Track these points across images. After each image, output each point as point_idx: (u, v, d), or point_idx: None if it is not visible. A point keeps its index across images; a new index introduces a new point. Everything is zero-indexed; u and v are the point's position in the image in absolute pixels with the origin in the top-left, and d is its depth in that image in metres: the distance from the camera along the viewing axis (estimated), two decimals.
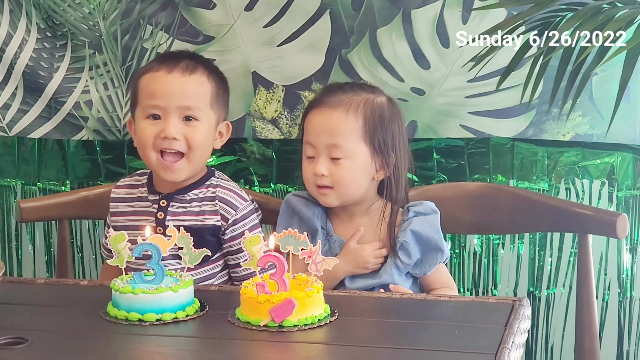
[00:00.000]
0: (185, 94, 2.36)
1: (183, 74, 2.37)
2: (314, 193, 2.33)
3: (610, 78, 2.58)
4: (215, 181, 2.43)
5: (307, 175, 2.32)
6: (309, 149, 2.32)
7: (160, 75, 2.37)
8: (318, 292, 1.95)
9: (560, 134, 2.67)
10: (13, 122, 2.96)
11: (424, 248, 2.31)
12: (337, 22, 2.72)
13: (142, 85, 2.39)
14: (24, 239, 3.06)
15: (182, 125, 2.36)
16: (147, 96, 2.37)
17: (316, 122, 2.30)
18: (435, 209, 2.34)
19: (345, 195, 2.31)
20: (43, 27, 2.90)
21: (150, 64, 2.43)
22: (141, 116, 2.38)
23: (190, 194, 2.40)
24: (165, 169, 2.36)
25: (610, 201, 2.68)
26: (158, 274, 2.02)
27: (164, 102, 2.35)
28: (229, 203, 2.39)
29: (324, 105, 2.31)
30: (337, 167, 2.29)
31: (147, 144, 2.36)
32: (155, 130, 2.35)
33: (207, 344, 1.89)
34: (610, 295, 2.73)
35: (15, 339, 1.87)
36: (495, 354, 1.75)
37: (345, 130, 2.28)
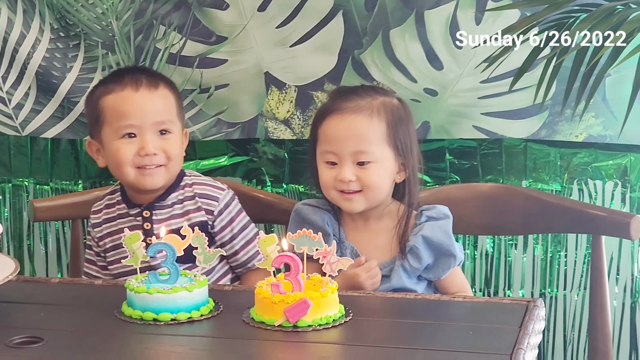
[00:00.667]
0: (157, 110, 2.38)
1: (150, 90, 2.39)
2: (335, 199, 2.30)
3: (623, 79, 2.58)
4: (189, 180, 2.44)
5: (327, 181, 2.29)
6: (329, 156, 2.28)
7: (128, 94, 2.37)
8: (333, 293, 1.95)
9: (573, 135, 2.67)
10: (26, 122, 2.97)
11: (436, 253, 2.29)
12: (350, 23, 2.72)
13: (107, 106, 2.38)
14: (36, 238, 3.07)
15: (158, 139, 2.37)
16: (118, 117, 2.36)
17: (338, 129, 2.27)
18: (448, 214, 2.32)
19: (373, 199, 2.28)
20: (56, 27, 2.91)
21: (108, 85, 2.41)
22: (113, 137, 2.37)
23: (170, 198, 2.42)
24: (146, 177, 2.37)
25: (623, 202, 2.68)
26: (172, 273, 2.02)
27: (138, 120, 2.36)
28: (209, 196, 2.42)
29: (343, 111, 2.28)
30: (365, 172, 2.26)
31: (124, 163, 2.36)
32: (132, 148, 2.36)
33: (221, 344, 1.89)
34: (624, 297, 2.72)
35: (30, 338, 1.88)
36: (510, 355, 1.75)
37: (371, 135, 2.26)
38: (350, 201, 2.28)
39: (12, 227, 3.06)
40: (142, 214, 2.41)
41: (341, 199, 2.29)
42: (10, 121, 2.97)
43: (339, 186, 2.27)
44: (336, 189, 2.28)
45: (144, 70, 2.48)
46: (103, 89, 2.41)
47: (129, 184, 2.41)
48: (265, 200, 2.58)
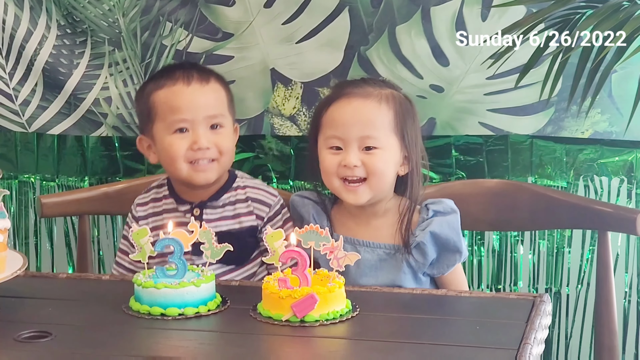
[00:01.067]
0: (209, 104, 2.39)
1: (201, 84, 2.39)
2: (337, 189, 2.27)
3: (629, 75, 2.58)
4: (242, 182, 2.45)
5: (330, 167, 2.26)
6: (334, 141, 2.26)
7: (180, 89, 2.38)
8: (340, 288, 1.96)
9: (579, 132, 2.67)
10: (32, 119, 2.97)
11: (441, 249, 2.27)
12: (356, 19, 2.72)
13: (159, 101, 2.39)
14: (43, 234, 3.08)
15: (210, 134, 2.38)
16: (171, 111, 2.37)
17: (345, 112, 2.25)
18: (455, 208, 2.31)
19: (377, 188, 2.25)
20: (63, 24, 2.92)
21: (160, 80, 2.42)
22: (166, 132, 2.38)
23: (222, 199, 2.42)
24: (198, 172, 2.37)
25: (629, 198, 2.68)
26: (180, 268, 2.03)
27: (191, 114, 2.36)
28: (262, 202, 2.43)
29: (351, 95, 2.27)
30: (370, 157, 2.24)
31: (178, 158, 2.37)
32: (186, 143, 2.37)
33: (229, 339, 1.89)
34: (630, 293, 2.73)
35: (39, 332, 1.88)
36: (517, 350, 1.75)
37: (378, 121, 2.25)
38: (354, 193, 2.26)
39: (18, 224, 3.07)
40: (193, 211, 2.41)
41: (344, 190, 2.26)
42: (17, 118, 2.98)
43: (343, 172, 2.25)
44: (339, 177, 2.26)
45: (194, 66, 2.48)
46: (154, 84, 2.42)
47: (182, 179, 2.40)
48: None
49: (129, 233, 2.48)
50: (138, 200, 2.50)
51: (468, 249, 2.78)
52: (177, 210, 2.43)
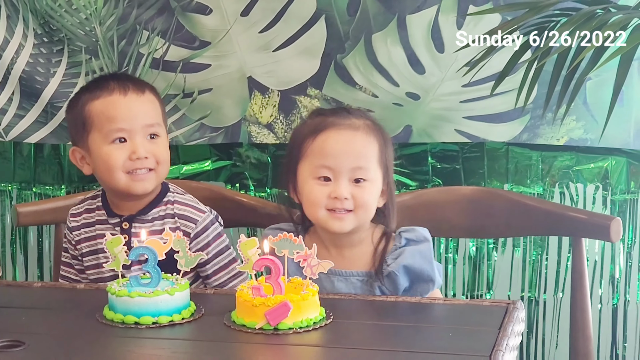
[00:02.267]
0: (147, 113, 2.38)
1: (137, 94, 2.38)
2: (322, 219, 2.20)
3: (604, 83, 2.60)
4: (172, 197, 2.42)
5: (318, 198, 2.19)
6: (323, 171, 2.19)
7: (117, 99, 2.36)
8: (313, 295, 1.96)
9: (554, 139, 2.68)
10: (9, 127, 2.97)
11: (414, 279, 2.22)
12: (333, 28, 2.73)
13: (95, 111, 2.36)
14: (18, 243, 3.07)
15: (148, 143, 2.36)
16: (108, 121, 2.34)
17: (336, 143, 2.20)
18: (428, 237, 2.25)
19: (362, 220, 2.21)
20: (40, 33, 2.92)
21: (94, 91, 2.38)
22: (103, 142, 2.35)
23: (151, 213, 2.40)
24: (137, 182, 2.35)
25: (604, 205, 2.69)
26: (154, 277, 2.02)
27: (129, 124, 2.34)
28: (187, 218, 2.40)
29: (341, 127, 2.21)
30: (360, 190, 2.19)
31: (116, 168, 2.34)
32: (124, 153, 2.34)
33: (202, 347, 1.89)
34: (605, 299, 2.74)
35: (12, 342, 1.87)
36: (489, 356, 1.75)
37: (369, 153, 2.21)
38: (340, 220, 2.20)
39: None
40: (122, 225, 2.40)
41: (330, 219, 2.20)
42: None
43: (331, 204, 2.19)
44: (326, 208, 2.20)
45: (128, 77, 2.47)
46: (88, 94, 2.39)
47: (119, 190, 2.37)
48: (248, 204, 2.59)
49: (69, 245, 2.49)
50: (72, 211, 2.49)
51: (445, 255, 2.80)
52: (108, 222, 2.42)
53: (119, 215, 2.41)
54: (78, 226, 2.47)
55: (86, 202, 2.49)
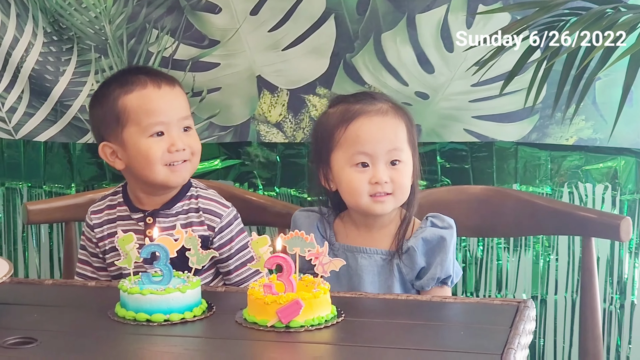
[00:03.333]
0: (181, 106, 2.39)
1: (170, 87, 2.39)
2: (366, 205, 2.25)
3: (613, 82, 2.60)
4: (195, 191, 2.43)
5: (360, 186, 2.24)
6: (361, 157, 2.24)
7: (152, 92, 2.36)
8: (325, 293, 1.97)
9: (563, 138, 2.69)
10: (19, 126, 2.97)
11: (429, 259, 2.27)
12: (342, 27, 2.73)
13: (131, 105, 2.36)
14: (30, 241, 3.08)
15: (184, 135, 2.38)
16: (146, 115, 2.35)
17: (370, 129, 2.24)
18: (452, 225, 2.29)
19: (400, 201, 2.27)
20: (49, 31, 2.92)
21: (124, 85, 2.37)
22: (141, 136, 2.35)
23: (175, 207, 2.40)
24: (175, 173, 2.36)
25: (613, 205, 2.70)
26: (166, 274, 2.03)
27: (166, 117, 2.35)
28: (213, 212, 2.40)
29: (371, 113, 2.26)
30: (397, 173, 2.24)
31: (155, 161, 2.34)
32: (163, 146, 2.35)
33: (214, 344, 1.90)
34: (613, 299, 2.74)
35: (24, 338, 1.88)
36: (501, 355, 1.76)
37: (399, 135, 2.26)
38: (382, 203, 2.25)
39: (5, 230, 3.07)
40: (145, 220, 2.40)
41: (372, 204, 2.25)
42: (4, 124, 2.98)
43: (372, 190, 2.23)
44: (368, 194, 2.24)
45: (154, 70, 2.49)
46: (120, 89, 2.37)
47: (157, 182, 2.37)
48: (257, 203, 2.59)
49: (89, 243, 2.49)
50: (92, 208, 2.48)
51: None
52: (130, 217, 2.42)
53: (142, 211, 2.41)
54: (100, 223, 2.46)
55: (107, 199, 2.48)
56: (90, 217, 2.48)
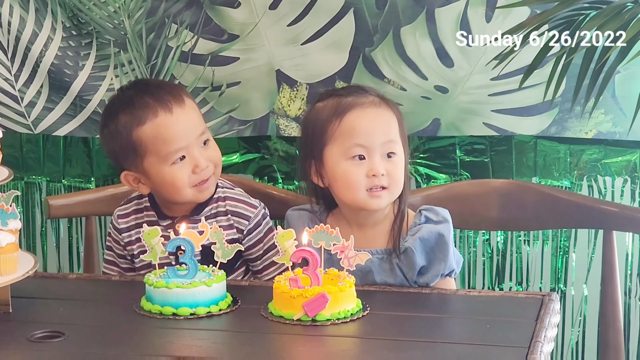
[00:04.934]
0: (195, 123, 2.36)
1: (180, 106, 2.34)
2: (362, 200, 2.22)
3: (633, 76, 2.60)
4: (222, 193, 2.41)
5: (358, 180, 2.21)
6: (357, 150, 2.21)
7: (165, 120, 2.32)
8: (350, 287, 1.98)
9: (582, 132, 2.69)
10: (38, 120, 2.98)
11: (430, 257, 2.24)
12: (361, 21, 2.74)
13: (147, 137, 2.31)
14: (49, 236, 3.09)
15: (204, 151, 2.35)
16: (164, 144, 2.31)
17: (365, 121, 2.23)
18: (448, 218, 2.27)
19: (395, 195, 2.24)
20: (68, 26, 2.93)
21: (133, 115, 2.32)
22: (163, 164, 2.31)
23: (204, 212, 2.38)
24: (202, 192, 2.35)
25: (632, 199, 2.70)
26: (191, 268, 2.04)
27: (186, 141, 2.32)
28: (241, 215, 2.39)
29: (364, 105, 2.25)
30: (392, 165, 2.22)
31: (183, 186, 2.32)
32: (187, 169, 2.32)
33: (241, 338, 1.91)
34: (635, 292, 2.75)
35: (52, 332, 1.90)
36: (528, 348, 1.77)
37: (393, 127, 2.25)
38: (378, 198, 2.22)
39: (25, 224, 3.08)
40: (174, 227, 2.30)
41: (368, 199, 2.22)
42: (23, 119, 2.99)
43: (370, 183, 2.21)
44: (366, 188, 2.21)
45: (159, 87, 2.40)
46: (130, 120, 2.32)
47: (185, 202, 2.36)
48: (278, 197, 2.60)
49: (116, 245, 2.46)
50: (119, 212, 2.45)
51: (473, 249, 2.80)
52: (159, 224, 2.37)
53: (170, 217, 2.39)
54: (127, 227, 2.43)
55: (133, 203, 2.45)
56: (117, 220, 2.45)
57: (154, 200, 2.42)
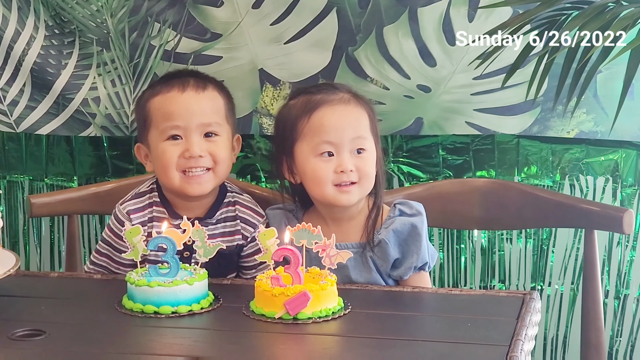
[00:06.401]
0: (203, 111, 2.36)
1: (197, 91, 2.37)
2: (330, 195, 2.25)
3: (614, 76, 2.61)
4: (232, 197, 2.42)
5: (325, 175, 2.24)
6: (326, 146, 2.24)
7: (174, 95, 2.36)
8: (332, 285, 1.98)
9: (564, 131, 2.70)
10: (21, 119, 2.97)
11: (404, 250, 2.26)
12: (344, 20, 2.74)
13: (154, 108, 2.37)
14: (31, 235, 3.08)
15: (204, 142, 2.35)
16: (164, 118, 2.35)
17: (334, 118, 2.26)
18: (421, 211, 2.29)
19: (366, 190, 2.27)
20: (51, 24, 2.92)
21: (157, 87, 2.41)
22: (159, 139, 2.35)
23: (216, 215, 2.38)
24: (192, 184, 2.33)
25: (614, 198, 2.71)
26: (173, 267, 2.04)
27: (184, 121, 2.34)
28: (249, 222, 2.40)
29: (333, 102, 2.28)
30: (361, 161, 2.25)
31: (170, 166, 2.33)
32: (178, 150, 2.33)
33: (223, 336, 1.91)
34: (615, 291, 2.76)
35: (33, 330, 1.89)
36: (509, 346, 1.77)
37: (362, 123, 2.27)
38: (347, 194, 2.25)
39: (7, 223, 3.07)
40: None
41: (337, 194, 2.25)
42: (5, 118, 2.98)
43: (338, 179, 2.24)
44: (333, 184, 2.25)
45: (193, 73, 2.46)
46: (150, 91, 2.40)
47: (174, 189, 2.35)
48: (261, 196, 2.58)
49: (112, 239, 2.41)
50: (130, 207, 2.40)
51: (456, 247, 2.81)
52: (171, 224, 2.32)
53: (181, 217, 2.29)
54: (144, 221, 2.39)
55: (145, 197, 2.42)
56: (129, 216, 2.38)
57: (164, 197, 2.41)
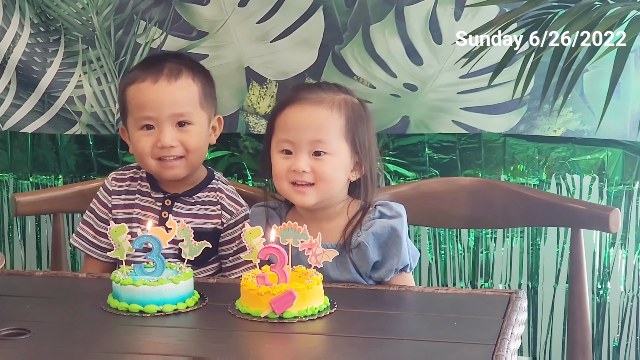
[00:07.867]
0: (175, 102, 2.40)
1: (169, 81, 2.40)
2: (287, 191, 2.26)
3: (601, 74, 2.61)
4: (217, 184, 2.48)
5: (280, 171, 2.25)
6: (285, 144, 2.25)
7: (147, 86, 2.40)
8: (318, 284, 1.98)
9: (551, 130, 2.70)
10: (6, 117, 2.96)
11: (384, 252, 2.24)
12: (331, 18, 2.73)
13: (129, 96, 2.43)
14: (15, 233, 3.07)
15: (176, 132, 2.40)
16: (137, 108, 2.41)
17: (298, 117, 2.25)
18: (401, 213, 2.27)
19: (326, 193, 2.24)
20: (36, 22, 2.91)
21: (135, 73, 2.46)
22: (134, 127, 2.42)
23: (196, 196, 2.45)
24: (166, 169, 2.40)
25: (600, 196, 2.71)
26: (158, 266, 2.03)
27: (155, 112, 2.39)
28: (227, 209, 2.44)
29: (304, 101, 2.27)
30: (319, 163, 2.23)
31: (145, 154, 2.41)
32: (151, 140, 2.40)
33: (208, 335, 1.90)
34: (602, 290, 2.76)
35: (17, 329, 1.88)
36: (495, 345, 1.77)
37: (329, 127, 2.24)
38: (302, 194, 2.24)
39: None
40: (164, 201, 2.44)
41: (293, 192, 2.25)
42: None
43: (292, 177, 2.24)
44: (289, 181, 2.25)
45: (172, 57, 2.49)
46: (127, 78, 2.47)
47: (152, 173, 2.45)
48: (248, 195, 2.58)
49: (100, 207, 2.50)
50: (115, 175, 2.52)
51: (443, 246, 2.81)
52: (150, 195, 2.46)
53: (163, 191, 2.45)
54: (120, 191, 2.49)
55: (131, 170, 2.52)
56: (110, 182, 2.51)
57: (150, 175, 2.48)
